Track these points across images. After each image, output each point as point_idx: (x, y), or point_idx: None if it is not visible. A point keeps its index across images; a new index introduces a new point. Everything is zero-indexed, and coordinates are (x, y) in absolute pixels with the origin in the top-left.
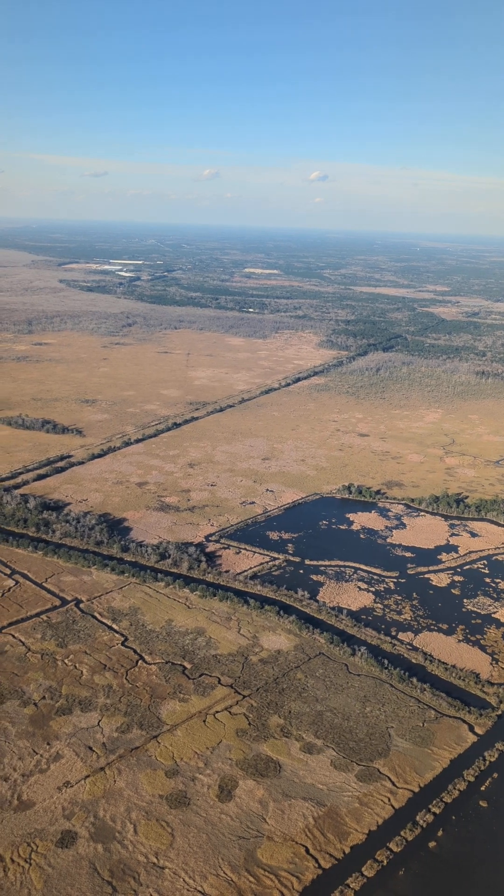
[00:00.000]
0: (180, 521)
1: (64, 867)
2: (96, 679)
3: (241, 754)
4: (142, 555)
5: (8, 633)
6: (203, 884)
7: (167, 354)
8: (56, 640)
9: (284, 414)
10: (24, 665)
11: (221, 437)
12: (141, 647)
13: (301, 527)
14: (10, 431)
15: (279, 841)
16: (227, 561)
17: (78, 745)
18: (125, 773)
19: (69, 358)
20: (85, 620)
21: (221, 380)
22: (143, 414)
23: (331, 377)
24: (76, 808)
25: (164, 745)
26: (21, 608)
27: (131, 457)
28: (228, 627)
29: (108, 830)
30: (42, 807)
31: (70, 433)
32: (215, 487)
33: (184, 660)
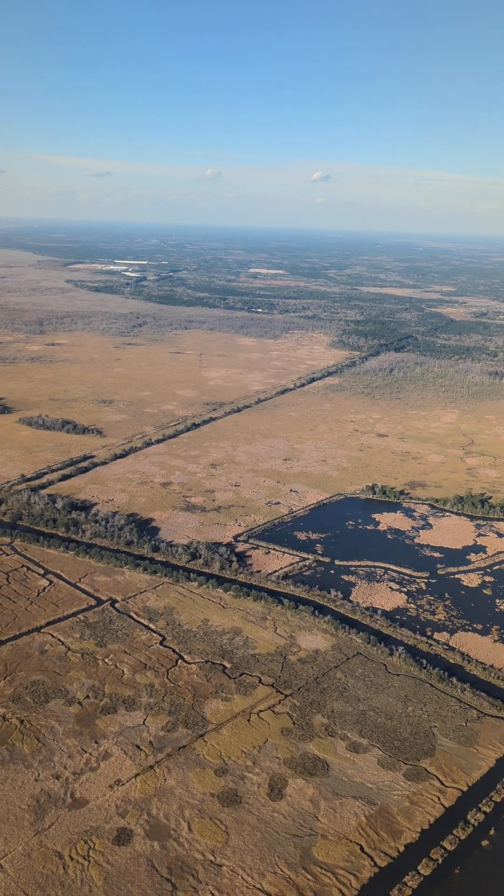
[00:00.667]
0: (207, 521)
1: (122, 864)
2: (138, 678)
3: (288, 753)
4: (172, 555)
5: (47, 632)
6: (262, 881)
7: (180, 355)
8: (95, 640)
9: (302, 414)
10: (65, 664)
11: (241, 437)
12: (179, 646)
13: (328, 527)
14: (31, 431)
15: (333, 839)
16: (257, 561)
17: (126, 743)
18: (175, 771)
19: (82, 358)
20: (121, 620)
21: (236, 380)
22: (161, 414)
23: (345, 377)
24: (129, 806)
25: (210, 743)
26: (57, 608)
27: (153, 457)
28: (265, 627)
29: (163, 828)
30: (96, 804)
31: (90, 433)
32: (239, 488)
33: (223, 659)
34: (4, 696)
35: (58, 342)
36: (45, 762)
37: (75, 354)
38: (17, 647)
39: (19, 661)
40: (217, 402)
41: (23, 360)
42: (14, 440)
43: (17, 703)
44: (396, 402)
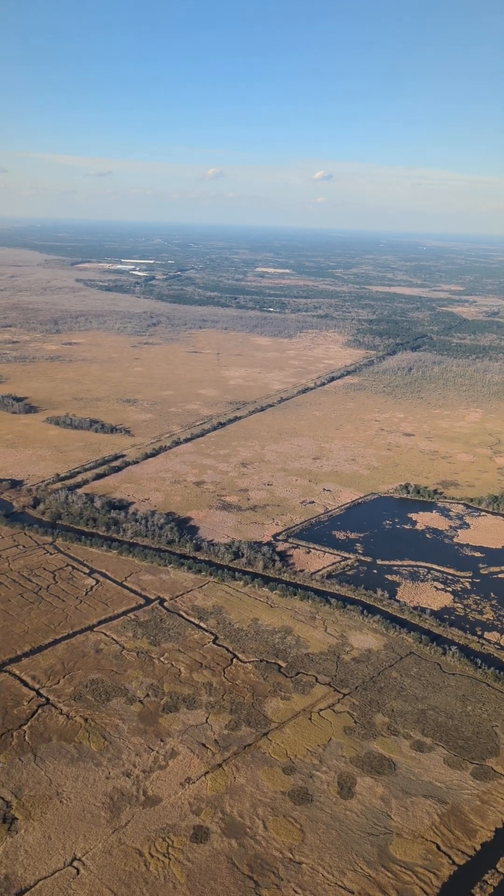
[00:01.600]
0: (244, 520)
1: (202, 862)
2: (195, 677)
3: (353, 752)
4: (215, 554)
5: (99, 631)
6: (342, 879)
7: (197, 354)
8: (148, 639)
9: (326, 413)
10: (121, 663)
11: (268, 436)
12: (233, 645)
13: (365, 526)
14: (59, 431)
15: (409, 838)
16: (298, 560)
17: (191, 741)
18: (243, 769)
19: (101, 357)
20: (172, 619)
21: (256, 379)
22: (186, 414)
23: (364, 377)
24: (202, 804)
25: (275, 742)
26: (107, 607)
27: (183, 456)
28: (314, 626)
29: (238, 826)
30: (169, 802)
31: (118, 433)
32: (272, 487)
33: (277, 658)
34: (66, 695)
35: (75, 341)
36: (113, 760)
37: (93, 354)
38: (72, 645)
39: (76, 660)
40: (240, 401)
41: (42, 360)
42: (43, 439)
43: (80, 701)
44: (419, 401)
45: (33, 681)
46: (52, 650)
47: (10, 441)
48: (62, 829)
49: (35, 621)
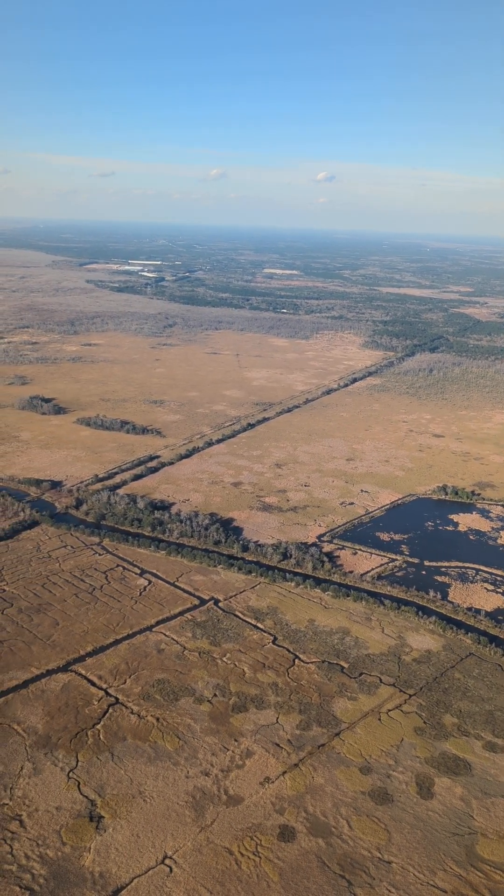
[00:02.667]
0: (287, 521)
1: (293, 861)
2: (260, 677)
3: (427, 752)
4: (263, 555)
5: (159, 631)
6: (434, 878)
7: (216, 355)
8: (208, 639)
9: (353, 415)
10: (185, 663)
11: (298, 437)
12: (293, 646)
13: (408, 528)
14: (91, 432)
15: (494, 838)
16: (346, 561)
17: (265, 741)
18: (320, 769)
19: (122, 359)
20: (229, 619)
21: (278, 381)
22: (214, 415)
23: (386, 378)
24: (285, 804)
25: (348, 742)
26: (163, 607)
27: (217, 457)
28: (371, 628)
29: (323, 825)
30: (251, 801)
31: (150, 434)
32: (310, 488)
33: (339, 659)
34: (135, 695)
35: (94, 342)
36: (190, 759)
37: (114, 355)
38: (134, 645)
39: (139, 660)
40: (266, 402)
41: (64, 361)
42: (76, 440)
43: (149, 700)
44: (443, 402)
45: (100, 680)
46: (114, 650)
47: (43, 442)
48: (149, 827)
49: (94, 621)
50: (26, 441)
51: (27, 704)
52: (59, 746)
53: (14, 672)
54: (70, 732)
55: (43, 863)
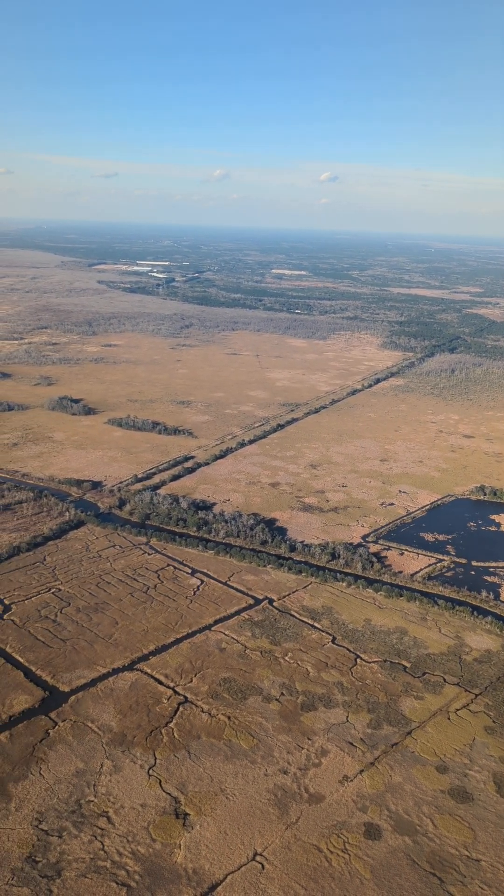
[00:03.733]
0: (329, 521)
1: (382, 858)
2: (324, 676)
3: (501, 751)
4: (311, 555)
5: (218, 630)
6: None
7: (237, 356)
8: (268, 638)
9: (380, 415)
10: (248, 662)
11: (328, 438)
12: (352, 645)
13: (451, 528)
14: (124, 432)
15: None
16: (394, 562)
17: (338, 740)
18: (397, 768)
19: (143, 359)
20: (285, 619)
21: (301, 381)
22: (242, 415)
23: (409, 378)
24: (366, 802)
25: (420, 741)
26: (218, 606)
27: (251, 457)
28: (427, 627)
29: (408, 824)
30: (333, 799)
31: (182, 434)
32: (348, 489)
33: (400, 658)
34: (203, 693)
35: (113, 343)
36: (267, 757)
37: (135, 356)
38: (195, 644)
39: (203, 659)
40: (292, 403)
41: (86, 362)
42: (110, 441)
43: (217, 699)
44: (469, 402)
45: (167, 679)
46: (176, 649)
47: (78, 443)
48: (235, 824)
49: (152, 620)
50: (61, 441)
51: (97, 702)
52: (136, 744)
53: (80, 671)
54: (144, 730)
55: (136, 859)
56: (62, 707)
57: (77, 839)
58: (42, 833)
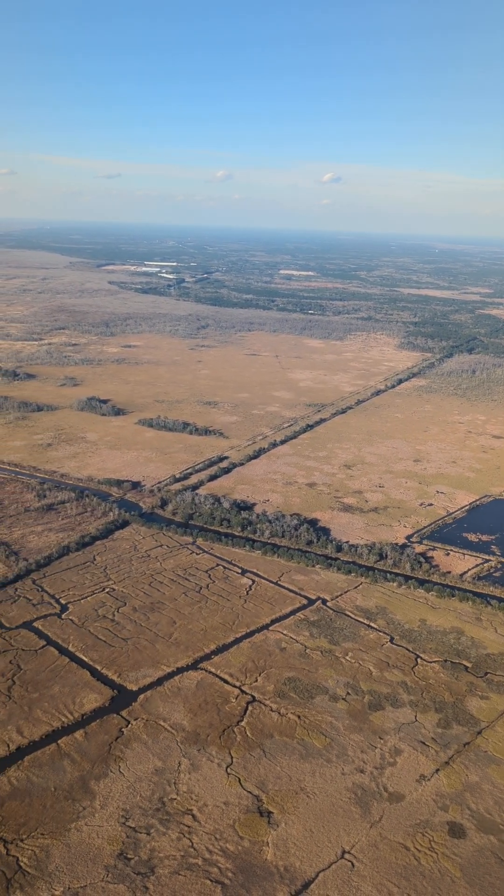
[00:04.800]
0: (371, 522)
1: (469, 857)
2: (387, 676)
3: None
4: (358, 555)
5: (275, 630)
6: None
7: (256, 356)
8: (326, 638)
9: (407, 416)
10: (309, 662)
11: (359, 438)
12: (411, 645)
13: (493, 528)
14: (155, 433)
15: None
16: (441, 562)
17: (409, 739)
18: (472, 767)
19: (164, 360)
20: (341, 619)
21: (324, 382)
22: (269, 416)
23: (430, 379)
24: (446, 801)
25: (492, 741)
26: (272, 606)
27: (284, 458)
28: (483, 628)
29: (491, 823)
30: (413, 798)
31: (212, 435)
32: (385, 489)
33: (461, 658)
34: (269, 692)
35: (132, 344)
36: (341, 756)
37: (155, 356)
38: (255, 644)
39: (264, 658)
40: (317, 403)
41: (108, 362)
42: (142, 441)
43: (285, 698)
44: (493, 403)
45: (232, 678)
46: (237, 648)
47: (111, 443)
48: (320, 823)
49: (209, 620)
50: (94, 442)
51: (166, 701)
52: (210, 743)
53: (145, 670)
54: (216, 729)
55: (226, 857)
56: (132, 706)
57: (165, 836)
58: (130, 830)
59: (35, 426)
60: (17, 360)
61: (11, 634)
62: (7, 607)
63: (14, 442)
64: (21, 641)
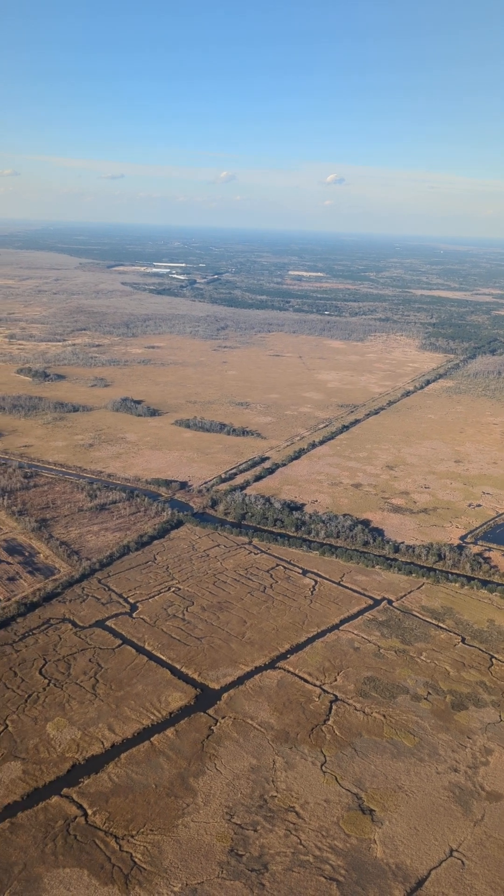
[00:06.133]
0: (422, 523)
1: None
2: (465, 676)
3: None
4: (417, 556)
5: (346, 630)
6: None
7: (280, 357)
8: (398, 638)
9: (440, 416)
10: (385, 661)
11: (396, 439)
12: (484, 646)
13: None
14: (193, 433)
15: None
16: (499, 563)
17: (498, 739)
18: None
19: (190, 361)
20: (409, 619)
21: (352, 383)
22: (303, 417)
23: (457, 380)
24: None
25: None
26: (339, 606)
27: (325, 458)
28: None
29: None
30: None
31: (250, 435)
32: (431, 490)
33: None
34: (351, 692)
35: (155, 345)
36: (433, 756)
37: (180, 357)
38: (328, 643)
39: (340, 658)
40: (349, 404)
41: (134, 363)
42: (182, 442)
43: (367, 698)
44: None
45: (311, 677)
46: (311, 648)
47: (151, 443)
48: (423, 821)
49: (279, 619)
50: (135, 442)
51: (250, 700)
52: (300, 741)
53: (224, 669)
54: (304, 728)
55: (336, 854)
56: (217, 704)
57: (272, 833)
58: (237, 827)
59: (74, 426)
60: (45, 360)
61: (86, 633)
62: (77, 606)
63: (56, 442)
64: (97, 640)
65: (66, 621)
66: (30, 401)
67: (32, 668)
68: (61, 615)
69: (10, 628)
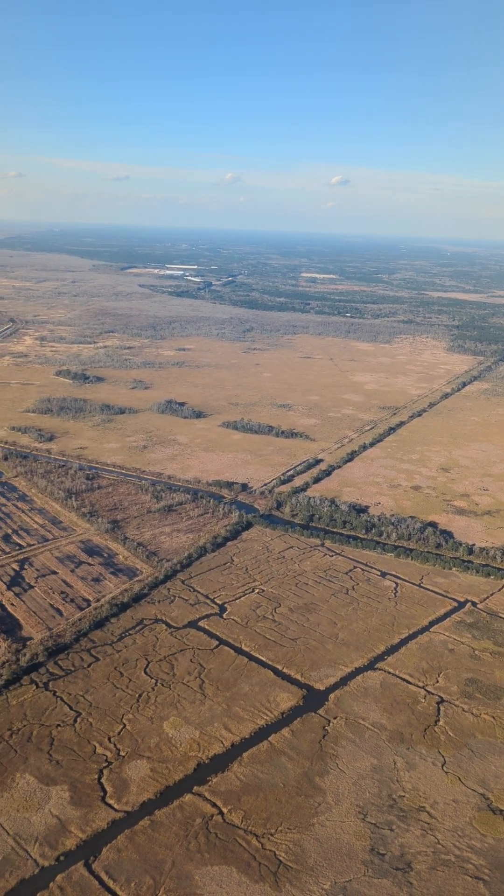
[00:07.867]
0: (489, 525)
1: None
2: None
3: None
4: (492, 558)
5: (436, 632)
6: None
7: (311, 359)
8: (490, 640)
9: (483, 419)
10: (482, 663)
11: (444, 441)
12: None
13: None
14: (242, 435)
15: None
16: None
17: None
18: None
19: (223, 363)
20: (497, 621)
21: (388, 385)
22: (346, 418)
23: (493, 382)
24: None
25: None
26: (424, 608)
27: (378, 461)
28: None
29: None
30: None
31: (299, 437)
32: (490, 492)
33: None
34: (455, 693)
35: (186, 347)
36: None
37: (212, 359)
38: (422, 645)
39: (437, 660)
40: (390, 406)
41: (168, 366)
42: (232, 444)
43: (472, 699)
44: None
45: (413, 678)
46: (405, 649)
47: (203, 445)
48: None
49: (368, 621)
50: (186, 444)
51: (357, 700)
52: (416, 742)
53: (325, 669)
54: (417, 729)
55: (476, 853)
56: (326, 705)
57: (409, 833)
58: (372, 826)
59: (123, 428)
60: (80, 362)
61: (182, 633)
62: (167, 607)
63: (110, 444)
64: (193, 640)
65: (159, 622)
66: (75, 403)
67: (137, 668)
68: (153, 616)
69: (107, 628)
